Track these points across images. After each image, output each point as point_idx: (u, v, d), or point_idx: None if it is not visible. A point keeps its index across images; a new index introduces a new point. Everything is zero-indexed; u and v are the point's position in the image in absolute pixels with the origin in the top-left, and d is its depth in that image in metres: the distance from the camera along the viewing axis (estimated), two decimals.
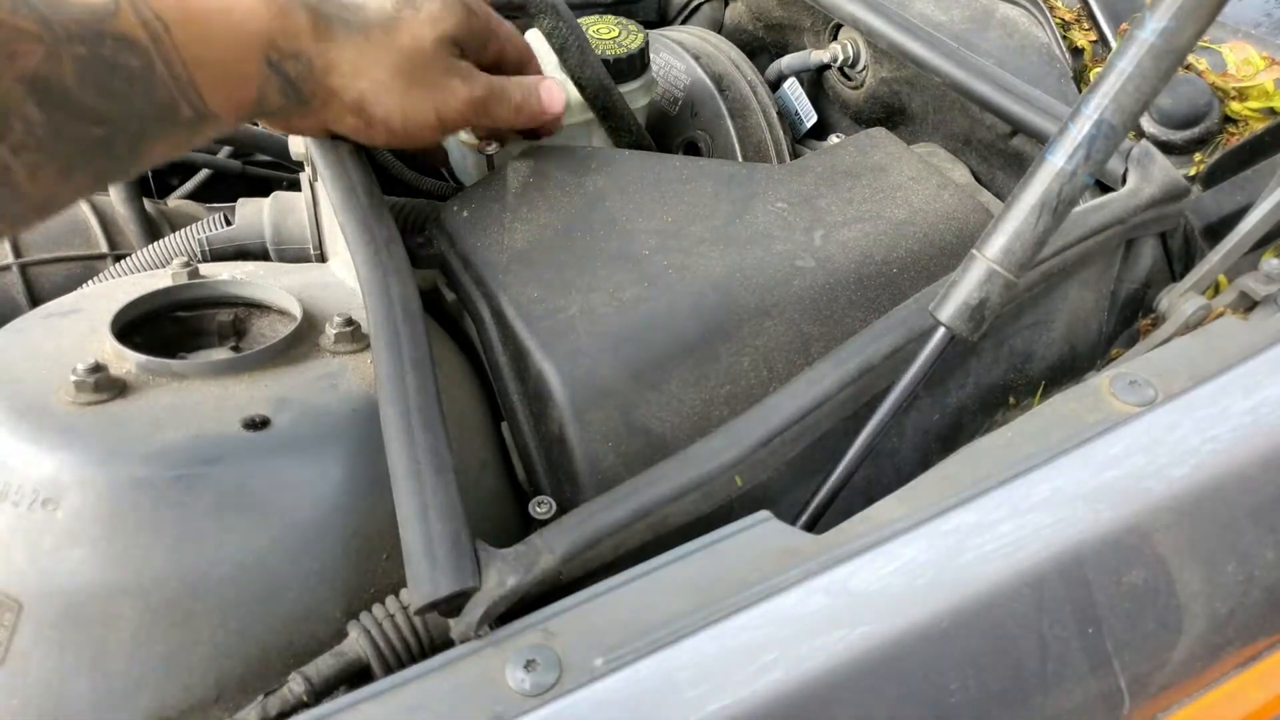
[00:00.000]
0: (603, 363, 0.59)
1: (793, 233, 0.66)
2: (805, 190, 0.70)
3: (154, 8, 0.49)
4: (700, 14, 1.14)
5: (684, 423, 0.59)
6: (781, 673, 0.43)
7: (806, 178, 0.71)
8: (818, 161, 0.73)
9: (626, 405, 0.58)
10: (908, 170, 0.72)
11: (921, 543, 0.48)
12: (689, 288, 0.62)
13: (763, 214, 0.67)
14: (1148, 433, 0.52)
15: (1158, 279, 0.70)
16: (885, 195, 0.70)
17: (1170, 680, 0.52)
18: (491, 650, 0.44)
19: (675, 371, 0.60)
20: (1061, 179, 0.49)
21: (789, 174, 0.71)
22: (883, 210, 0.69)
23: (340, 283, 0.70)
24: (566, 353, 0.59)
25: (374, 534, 0.57)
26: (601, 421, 0.58)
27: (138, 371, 0.59)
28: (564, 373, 0.58)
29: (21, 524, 0.52)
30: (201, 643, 0.53)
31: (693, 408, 0.59)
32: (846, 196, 0.70)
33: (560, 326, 0.60)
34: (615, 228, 0.66)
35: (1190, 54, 0.52)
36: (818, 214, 0.68)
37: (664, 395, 0.59)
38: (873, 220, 0.68)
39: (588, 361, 0.59)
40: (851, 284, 0.64)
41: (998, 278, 0.50)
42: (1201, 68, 0.74)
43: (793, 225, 0.67)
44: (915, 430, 0.65)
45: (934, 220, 0.68)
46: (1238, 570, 0.52)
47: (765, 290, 0.63)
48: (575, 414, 0.57)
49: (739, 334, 0.61)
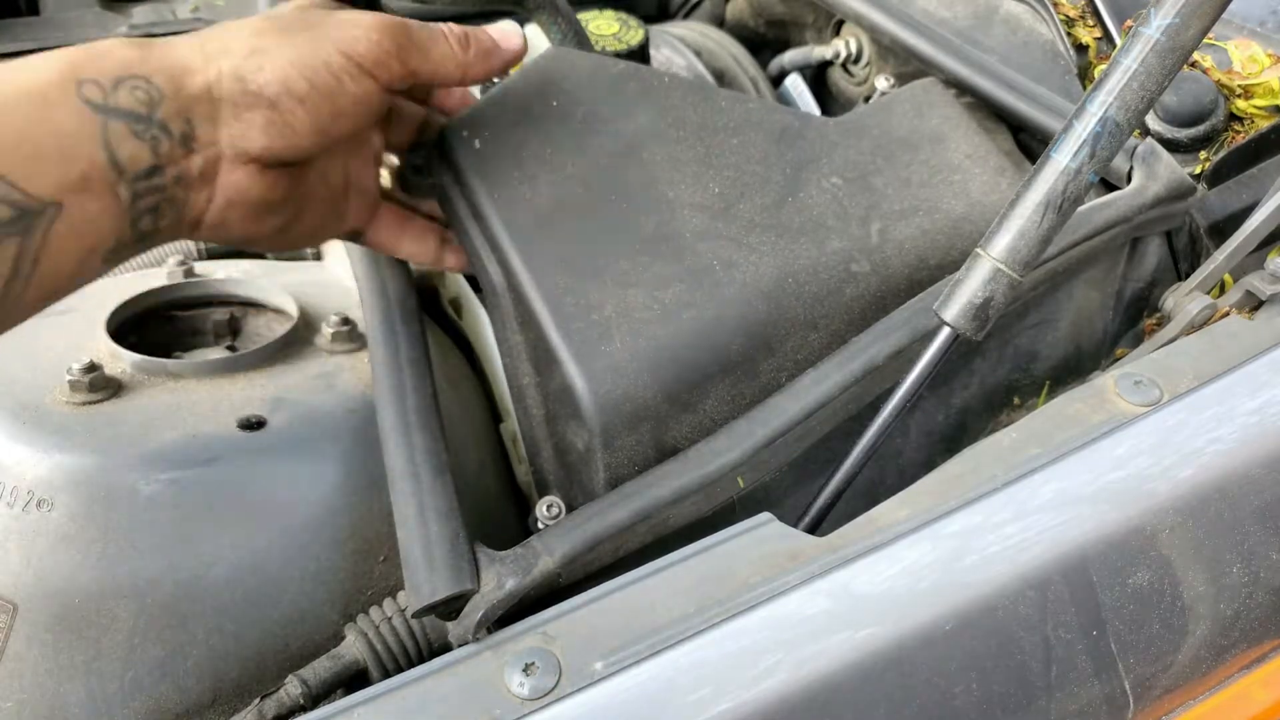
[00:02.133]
0: (640, 384, 0.53)
1: (848, 224, 0.61)
2: (861, 163, 0.64)
3: None
4: (701, 9, 1.13)
5: None
6: (784, 676, 0.43)
7: (863, 143, 0.65)
8: (874, 122, 0.68)
9: (659, 429, 0.54)
10: (965, 145, 0.67)
11: (925, 545, 0.47)
12: (737, 294, 0.56)
13: (817, 192, 0.62)
14: (1153, 433, 0.52)
15: (1163, 278, 0.69)
16: (943, 179, 0.65)
17: (1175, 683, 0.51)
18: (490, 653, 0.44)
19: (713, 391, 0.55)
20: (1066, 177, 0.49)
21: (844, 135, 0.66)
22: (941, 200, 0.64)
23: (337, 281, 0.70)
24: (602, 370, 0.53)
25: (371, 536, 0.56)
26: (631, 446, 0.54)
27: (133, 371, 0.59)
28: (598, 394, 0.52)
29: (16, 525, 0.52)
30: (197, 645, 0.52)
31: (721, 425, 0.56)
32: (904, 175, 0.64)
33: (595, 333, 0.54)
34: (654, 194, 0.58)
35: (1195, 51, 0.51)
36: (874, 199, 0.63)
37: (698, 415, 0.55)
38: (930, 214, 0.63)
39: (625, 383, 0.53)
40: (903, 292, 0.60)
41: (1002, 277, 0.50)
42: (1207, 65, 0.73)
43: (849, 213, 0.61)
44: (919, 431, 0.64)
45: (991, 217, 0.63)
46: (1243, 572, 0.52)
47: (816, 301, 0.58)
48: (605, 439, 0.53)
49: (782, 349, 0.57)
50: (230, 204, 0.48)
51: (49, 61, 0.42)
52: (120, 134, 0.43)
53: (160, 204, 0.45)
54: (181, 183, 0.46)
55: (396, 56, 0.50)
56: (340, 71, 0.48)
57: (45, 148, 0.41)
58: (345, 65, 0.48)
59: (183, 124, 0.45)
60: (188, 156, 0.45)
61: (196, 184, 0.46)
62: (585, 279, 0.55)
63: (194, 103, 0.45)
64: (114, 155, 0.43)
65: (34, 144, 0.41)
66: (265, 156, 0.47)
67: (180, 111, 0.45)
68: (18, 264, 0.41)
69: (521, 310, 0.56)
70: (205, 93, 0.45)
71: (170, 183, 0.45)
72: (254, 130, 0.46)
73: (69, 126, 0.42)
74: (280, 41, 0.47)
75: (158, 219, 0.46)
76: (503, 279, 0.57)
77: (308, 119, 0.47)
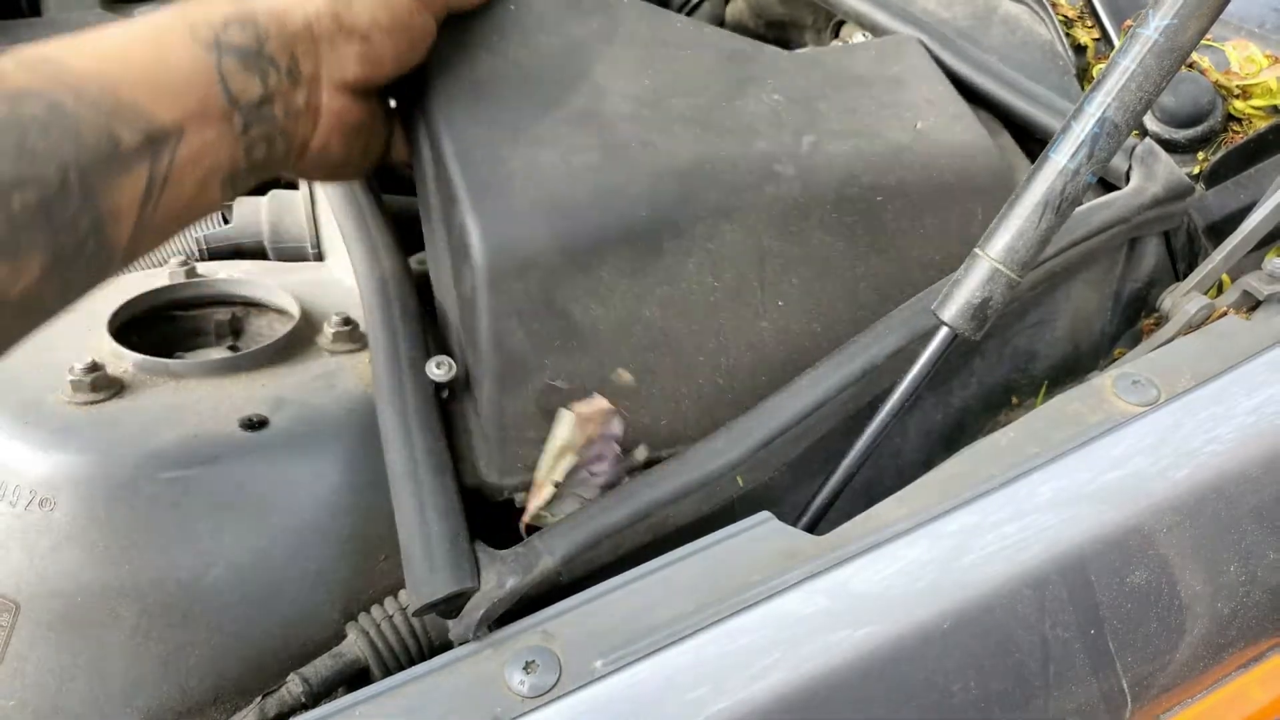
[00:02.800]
0: (534, 230, 0.53)
1: (781, 132, 0.59)
2: (808, 88, 0.63)
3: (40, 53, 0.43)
4: (701, 10, 1.13)
5: (609, 314, 0.54)
6: (782, 674, 0.43)
7: (814, 74, 0.64)
8: (832, 59, 0.67)
9: (549, 282, 0.53)
10: (926, 90, 0.65)
11: (923, 543, 0.47)
12: (649, 168, 0.55)
13: (755, 103, 0.61)
14: (1151, 433, 0.52)
15: (1161, 278, 0.70)
16: (892, 113, 0.63)
17: (1173, 681, 0.51)
18: (490, 652, 0.44)
19: (610, 257, 0.54)
20: (1065, 177, 0.49)
21: (797, 65, 0.64)
22: (884, 129, 0.62)
23: (338, 282, 0.70)
24: (496, 211, 0.52)
25: (372, 535, 0.57)
26: (518, 294, 0.52)
27: (135, 371, 0.59)
28: (488, 232, 0.52)
29: (19, 524, 0.52)
30: (199, 644, 0.52)
31: (623, 300, 0.54)
32: (850, 105, 0.63)
33: (497, 180, 0.53)
34: (589, 81, 0.58)
35: (1193, 52, 0.52)
36: (813, 117, 0.61)
37: (592, 280, 0.54)
38: (870, 137, 0.61)
39: (516, 226, 0.52)
40: (829, 203, 0.58)
41: (1000, 277, 0.50)
42: (1205, 66, 0.74)
43: (783, 123, 0.60)
44: (918, 430, 0.65)
45: (937, 152, 0.62)
46: (1240, 571, 0.52)
47: (732, 190, 0.56)
48: (491, 280, 0.52)
49: (691, 232, 0.55)
50: (332, 129, 0.54)
51: (162, 12, 0.48)
52: (232, 68, 0.47)
53: (272, 132, 0.50)
54: (290, 113, 0.51)
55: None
56: (411, 7, 0.54)
57: (166, 80, 0.45)
58: (412, 3, 0.54)
59: (288, 58, 0.50)
60: (294, 89, 0.51)
61: (303, 115, 0.52)
62: (500, 133, 0.55)
63: (296, 39, 0.50)
64: (228, 86, 0.47)
65: (156, 77, 0.45)
66: (358, 84, 0.53)
67: (285, 47, 0.50)
68: (149, 186, 0.45)
69: (438, 165, 0.56)
70: (306, 29, 0.51)
71: (280, 113, 0.50)
72: (349, 61, 0.52)
73: (187, 61, 0.46)
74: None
75: (270, 148, 0.51)
76: (429, 147, 0.57)
77: (392, 48, 0.54)
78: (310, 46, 0.51)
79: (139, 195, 0.44)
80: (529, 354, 0.53)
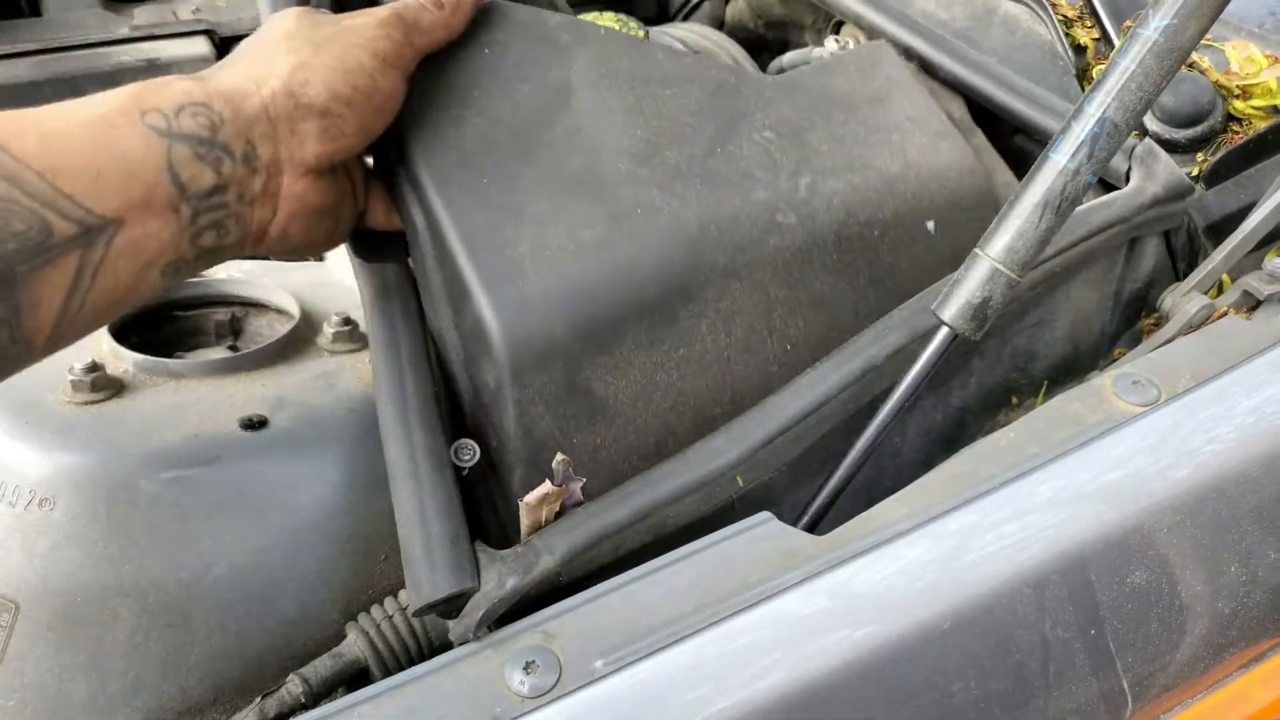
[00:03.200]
0: (552, 320, 0.52)
1: (777, 176, 0.60)
2: (796, 119, 0.63)
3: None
4: (701, 11, 1.13)
5: (629, 385, 0.55)
6: (782, 674, 0.43)
7: (800, 99, 0.65)
8: (814, 80, 0.67)
9: (571, 368, 0.53)
10: (908, 106, 0.66)
11: (924, 543, 0.47)
12: (656, 238, 0.55)
13: (748, 144, 0.61)
14: (1151, 433, 0.52)
15: (1161, 278, 0.70)
16: (880, 139, 0.64)
17: (1173, 681, 0.51)
18: (490, 652, 0.44)
19: (628, 333, 0.54)
20: (1064, 177, 0.49)
21: (781, 93, 0.65)
22: (875, 159, 0.63)
23: (338, 281, 0.70)
24: (513, 304, 0.52)
25: (372, 535, 0.57)
26: (542, 385, 0.52)
27: (135, 371, 0.59)
28: (508, 329, 0.51)
29: (18, 524, 0.52)
30: (199, 644, 0.52)
31: (641, 370, 0.55)
32: (839, 134, 0.64)
33: (508, 268, 0.53)
34: (580, 139, 0.57)
35: (1193, 52, 0.52)
36: (806, 154, 0.62)
37: (613, 358, 0.54)
38: (862, 171, 0.62)
39: (535, 318, 0.52)
40: (830, 246, 0.59)
41: (1000, 276, 0.50)
42: (1205, 66, 0.74)
43: (779, 166, 0.60)
44: (917, 430, 0.65)
45: (926, 179, 0.63)
46: (1240, 571, 0.52)
47: (738, 249, 0.57)
48: (514, 375, 0.52)
49: (702, 296, 0.56)
50: (292, 215, 0.51)
51: (113, 94, 0.45)
52: (183, 157, 0.46)
53: (224, 220, 0.48)
54: (245, 200, 0.49)
55: (408, 43, 0.53)
56: (373, 71, 0.51)
57: (111, 169, 0.43)
58: (375, 64, 0.52)
59: (244, 144, 0.48)
60: (250, 176, 0.49)
61: (260, 200, 0.50)
62: (503, 216, 0.54)
63: (252, 123, 0.48)
64: (176, 176, 0.45)
65: (100, 166, 0.43)
66: (320, 163, 0.51)
67: (240, 133, 0.48)
68: (78, 277, 0.43)
69: (439, 247, 0.55)
70: (262, 113, 0.48)
71: (233, 200, 0.48)
72: (309, 140, 0.50)
73: (134, 150, 0.44)
74: (316, 54, 0.50)
75: (222, 235, 0.49)
76: (423, 218, 0.56)
77: (355, 120, 0.51)
78: (268, 129, 0.49)
79: (65, 286, 0.43)
80: (556, 436, 0.53)
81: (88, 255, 0.43)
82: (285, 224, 0.51)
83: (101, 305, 0.45)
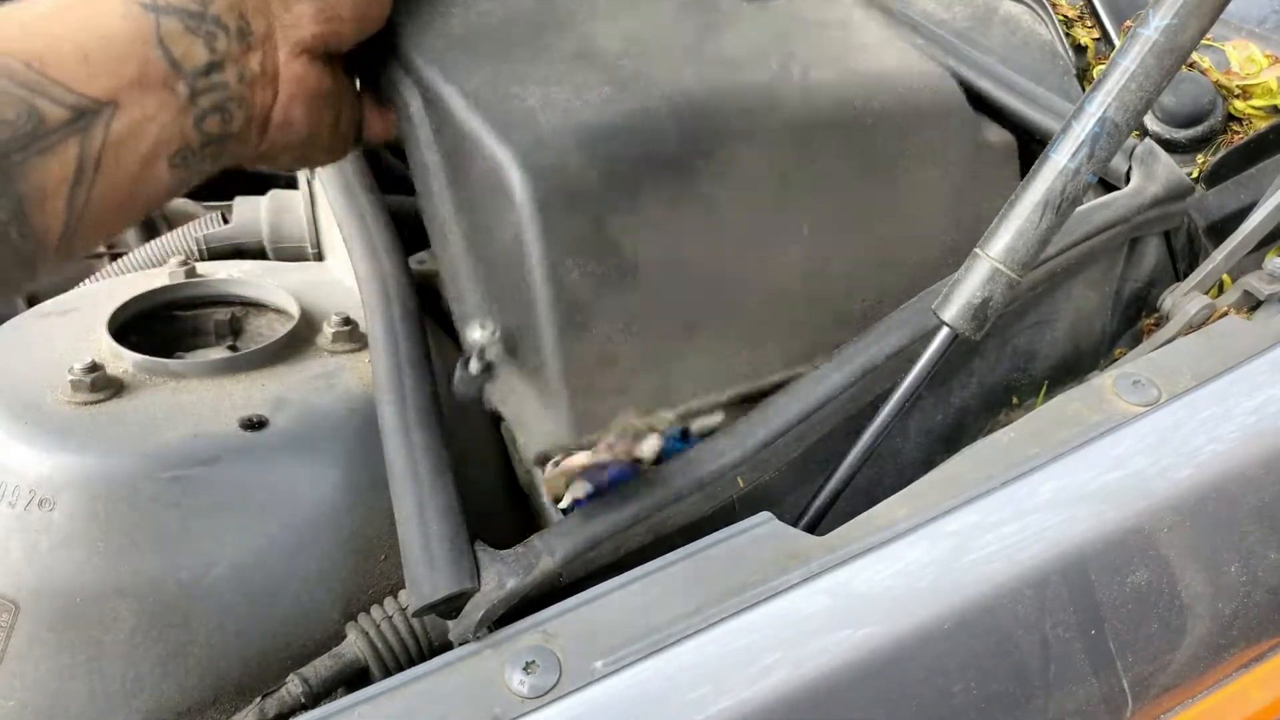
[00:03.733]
0: (572, 156, 0.48)
1: (769, 62, 0.58)
2: (775, 28, 0.62)
3: None
4: None
5: (656, 250, 0.51)
6: (783, 675, 0.43)
7: (775, 18, 0.64)
8: (782, 7, 0.66)
9: (595, 213, 0.48)
10: (875, 32, 0.67)
11: (924, 544, 0.47)
12: (665, 93, 0.53)
13: (735, 40, 0.59)
14: (1151, 433, 0.52)
15: (1161, 278, 0.70)
16: (856, 50, 0.63)
17: (1173, 682, 0.51)
18: (490, 652, 0.44)
19: (649, 184, 0.51)
20: (1065, 177, 0.49)
21: (754, 11, 0.64)
22: (856, 63, 0.62)
23: (338, 281, 0.70)
24: (527, 141, 0.48)
25: (372, 535, 0.57)
26: (570, 228, 0.48)
27: (135, 371, 0.59)
28: (527, 164, 0.47)
29: (18, 525, 0.52)
30: (198, 644, 0.52)
31: (667, 234, 0.52)
32: (817, 40, 0.63)
33: (519, 114, 0.49)
34: (571, 27, 0.56)
35: (1194, 52, 0.52)
36: (791, 50, 0.60)
37: (637, 209, 0.50)
38: (848, 69, 0.61)
39: (553, 153, 0.48)
40: (831, 127, 0.57)
41: (1001, 276, 0.50)
42: (1205, 66, 0.74)
43: (768, 57, 0.59)
44: (918, 430, 0.65)
45: (909, 81, 0.62)
46: (1241, 571, 0.52)
47: (746, 114, 0.54)
48: (538, 211, 0.47)
49: (720, 155, 0.53)
50: (293, 97, 0.50)
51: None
52: (174, 31, 0.44)
53: (225, 103, 0.47)
54: (245, 80, 0.47)
55: None
56: None
57: (97, 49, 0.42)
58: None
59: (236, 18, 0.46)
60: (246, 53, 0.47)
61: (260, 81, 0.48)
62: (505, 79, 0.52)
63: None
64: (169, 52, 0.43)
65: (86, 47, 0.42)
66: (316, 45, 0.49)
67: (232, 6, 0.46)
68: (80, 167, 0.42)
69: (438, 118, 0.52)
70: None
71: (233, 80, 0.46)
72: (305, 19, 0.48)
73: (121, 27, 0.43)
74: None
75: (225, 120, 0.47)
76: (419, 98, 0.54)
77: (349, 4, 0.50)
78: (261, 4, 0.47)
79: (67, 177, 0.41)
80: (588, 295, 0.49)
81: (86, 142, 0.41)
82: (288, 107, 0.50)
83: (111, 201, 0.43)
